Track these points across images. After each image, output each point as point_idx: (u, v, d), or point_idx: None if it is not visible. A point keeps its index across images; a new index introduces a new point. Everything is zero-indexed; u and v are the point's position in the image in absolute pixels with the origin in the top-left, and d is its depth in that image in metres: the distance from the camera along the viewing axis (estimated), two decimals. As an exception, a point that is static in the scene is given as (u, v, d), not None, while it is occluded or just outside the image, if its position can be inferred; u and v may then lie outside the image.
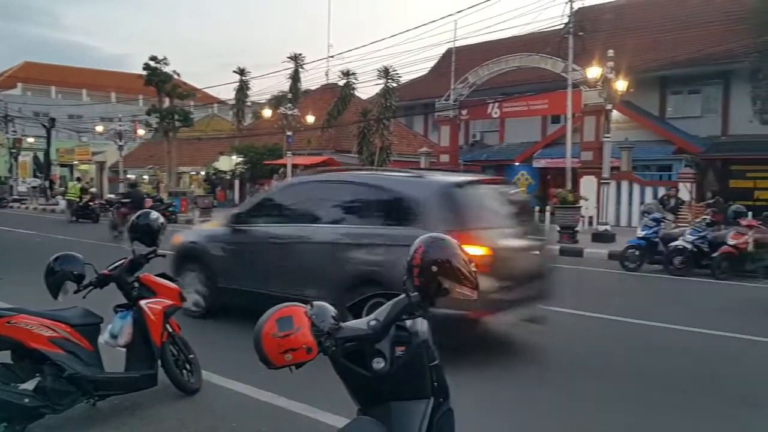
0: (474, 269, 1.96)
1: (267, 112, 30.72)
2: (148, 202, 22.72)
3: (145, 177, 36.42)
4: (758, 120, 18.79)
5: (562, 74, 19.22)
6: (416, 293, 1.93)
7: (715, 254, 10.62)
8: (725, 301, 8.92)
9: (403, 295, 1.96)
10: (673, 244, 11.10)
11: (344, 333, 1.87)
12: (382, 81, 26.30)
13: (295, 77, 32.06)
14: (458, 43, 25.11)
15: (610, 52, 16.82)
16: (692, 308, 8.37)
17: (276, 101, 32.23)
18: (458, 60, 23.70)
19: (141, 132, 34.65)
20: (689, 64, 21.84)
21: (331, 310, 1.86)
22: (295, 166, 24.78)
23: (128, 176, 29.28)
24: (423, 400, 1.96)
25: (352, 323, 1.98)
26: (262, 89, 79.50)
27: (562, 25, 22.11)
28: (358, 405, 2.02)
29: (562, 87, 18.96)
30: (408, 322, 2.00)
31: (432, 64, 34.42)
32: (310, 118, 26.45)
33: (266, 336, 1.72)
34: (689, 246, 10.90)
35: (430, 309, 1.98)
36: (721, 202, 15.02)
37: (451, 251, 1.94)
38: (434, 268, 1.90)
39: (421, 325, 2.04)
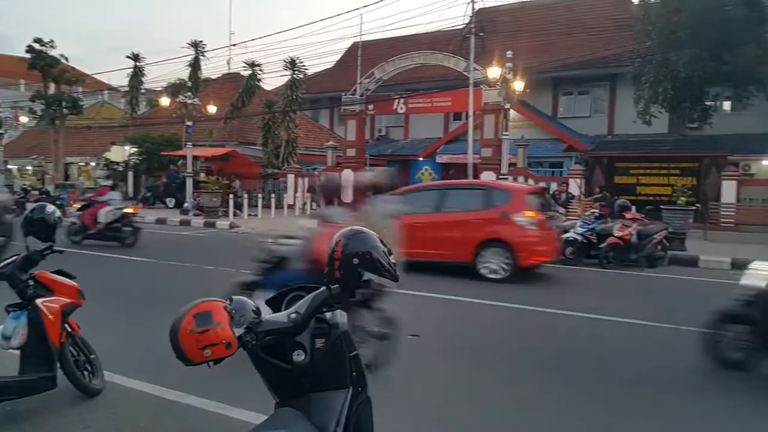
0: (394, 261, 2.00)
1: (165, 101, 29.44)
2: (34, 194, 21.13)
3: (29, 168, 33.82)
4: (641, 120, 20.33)
5: (464, 73, 19.87)
6: (337, 285, 1.95)
7: (602, 245, 11.40)
8: (611, 289, 9.66)
9: (323, 288, 1.97)
10: (564, 236, 11.75)
11: (265, 327, 1.87)
12: (287, 72, 25.92)
13: (195, 65, 30.85)
14: (364, 38, 25.29)
15: (509, 53, 17.60)
16: (582, 295, 9.00)
17: (173, 89, 30.90)
18: (364, 54, 23.86)
19: (24, 119, 32.07)
20: (579, 66, 23.29)
21: (251, 304, 1.85)
22: (195, 157, 23.92)
23: (9, 167, 27.04)
24: (342, 390, 1.99)
25: (272, 317, 1.98)
26: (158, 76, 75.89)
27: (463, 25, 22.90)
28: (276, 399, 2.02)
29: (464, 85, 19.61)
30: (328, 314, 2.02)
31: (338, 57, 34.43)
32: (212, 108, 25.59)
33: (184, 332, 1.69)
34: (579, 237, 11.66)
35: None
36: (608, 197, 16.15)
37: (372, 243, 1.96)
38: (355, 261, 1.92)
39: (341, 316, 2.06)
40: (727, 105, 22.17)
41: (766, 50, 17.10)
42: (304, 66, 26.14)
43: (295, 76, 25.93)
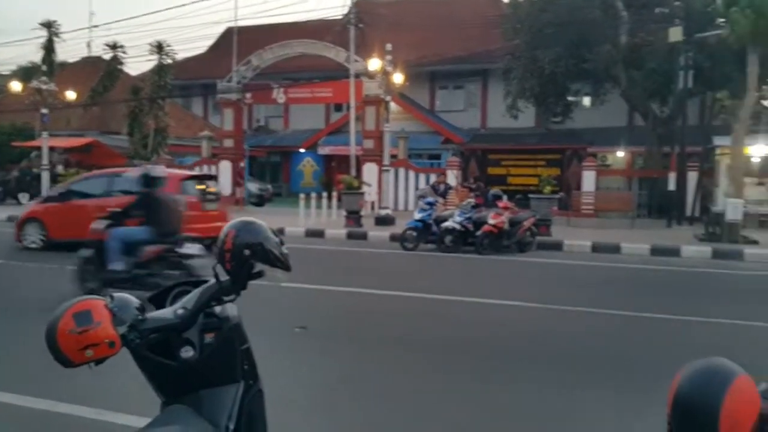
0: (286, 251, 1.97)
1: (15, 86, 26.55)
2: None
3: None
4: (509, 114, 21.49)
5: (345, 64, 19.84)
6: (227, 278, 1.88)
7: (478, 233, 11.91)
8: (487, 273, 10.12)
9: (212, 281, 1.90)
10: (444, 225, 12.18)
11: (150, 324, 1.78)
12: (155, 57, 24.42)
13: (48, 47, 28.11)
14: (239, 24, 24.46)
15: (389, 46, 17.80)
16: (461, 281, 9.34)
17: (24, 73, 28.02)
18: (240, 41, 23.06)
19: None
20: (454, 62, 24.16)
21: (134, 301, 1.77)
22: (51, 148, 21.88)
23: None
24: (233, 384, 1.94)
25: (158, 313, 1.88)
26: (6, 59, 68.66)
27: (343, 16, 22.85)
28: (162, 398, 1.92)
29: (345, 76, 19.59)
30: (217, 308, 1.95)
31: (210, 42, 33.06)
32: (71, 95, 23.53)
33: (62, 333, 1.58)
34: (458, 226, 12.08)
35: None
36: (482, 187, 16.88)
37: (264, 234, 1.92)
38: (246, 252, 1.86)
39: (231, 309, 2.00)
40: (586, 100, 24.12)
41: (620, 50, 18.71)
42: (173, 50, 24.77)
43: (163, 60, 24.49)
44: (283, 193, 28.73)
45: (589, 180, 19.02)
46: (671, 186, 16.74)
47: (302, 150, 26.84)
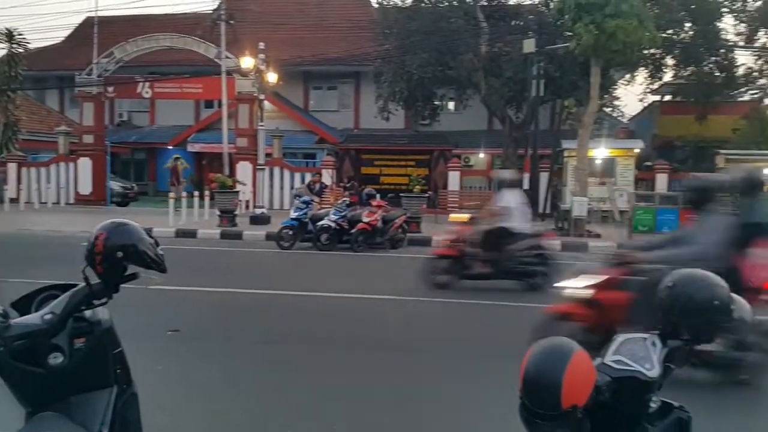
0: (161, 252, 1.97)
1: None
2: None
3: None
4: (380, 116, 22.13)
5: (216, 60, 19.39)
6: (98, 282, 1.88)
7: (353, 231, 12.26)
8: (362, 269, 10.50)
9: (81, 285, 1.89)
10: (320, 223, 12.38)
11: (15, 330, 1.74)
12: (4, 46, 22.27)
13: None
14: (100, 13, 22.97)
15: (261, 45, 17.66)
16: (337, 277, 9.61)
17: None
18: (101, 31, 21.66)
19: None
20: (328, 63, 24.39)
21: None
22: None
23: None
24: (106, 389, 1.93)
25: (23, 320, 1.84)
26: None
27: (212, 10, 22.27)
28: (28, 408, 1.87)
29: (216, 72, 19.16)
30: (88, 313, 1.93)
31: (67, 32, 30.67)
32: None
33: None
34: (333, 224, 12.34)
35: None
36: (356, 186, 17.30)
37: (137, 235, 1.91)
38: (119, 254, 1.86)
39: (103, 313, 1.99)
40: (451, 105, 25.40)
41: (480, 59, 19.95)
42: (25, 39, 22.73)
43: (13, 50, 22.40)
44: (150, 192, 27.39)
45: (454, 179, 20.16)
46: (525, 185, 18.17)
47: (170, 147, 25.74)
